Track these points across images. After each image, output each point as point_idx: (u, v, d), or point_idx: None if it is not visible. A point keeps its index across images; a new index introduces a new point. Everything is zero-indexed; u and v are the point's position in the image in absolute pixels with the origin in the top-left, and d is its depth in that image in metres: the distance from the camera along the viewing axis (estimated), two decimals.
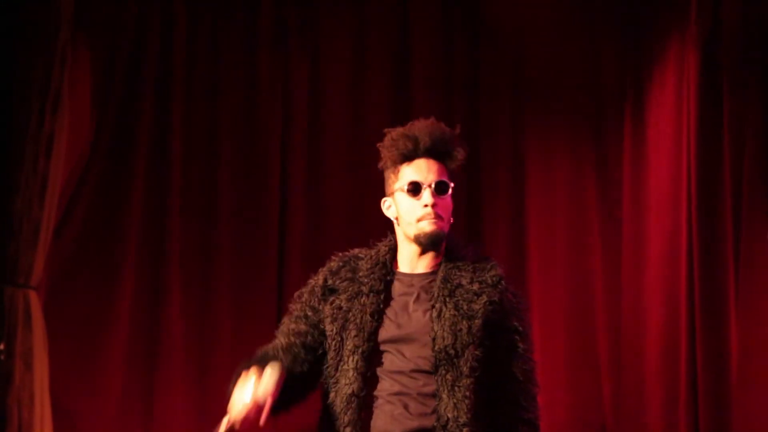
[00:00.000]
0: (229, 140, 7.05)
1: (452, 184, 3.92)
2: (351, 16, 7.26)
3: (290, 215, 7.00)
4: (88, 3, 6.71)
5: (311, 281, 4.00)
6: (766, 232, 4.03)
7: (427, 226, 3.87)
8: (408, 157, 3.92)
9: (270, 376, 3.60)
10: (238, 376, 3.68)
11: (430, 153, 3.91)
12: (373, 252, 3.97)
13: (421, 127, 3.94)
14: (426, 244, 3.90)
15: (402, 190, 3.92)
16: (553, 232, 7.20)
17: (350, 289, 3.87)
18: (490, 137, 7.24)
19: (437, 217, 3.87)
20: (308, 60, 7.19)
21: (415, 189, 3.89)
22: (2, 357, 6.33)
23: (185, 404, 6.80)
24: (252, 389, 3.60)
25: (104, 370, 6.73)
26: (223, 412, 6.73)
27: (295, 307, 4.00)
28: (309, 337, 3.91)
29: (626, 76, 7.22)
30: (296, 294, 4.04)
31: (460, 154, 3.93)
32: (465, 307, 3.78)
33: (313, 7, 7.21)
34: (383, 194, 4.05)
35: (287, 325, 3.97)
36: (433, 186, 3.88)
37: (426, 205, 3.87)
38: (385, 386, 3.77)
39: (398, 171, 3.95)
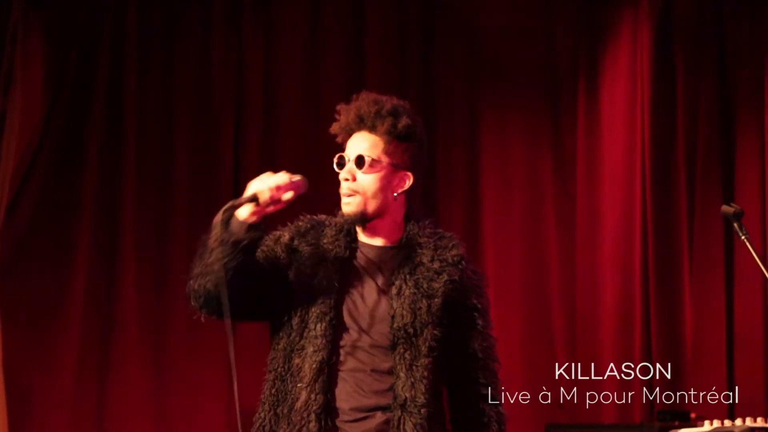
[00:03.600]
0: (183, 117, 7.01)
1: (383, 159, 3.75)
2: None
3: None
4: None
5: (276, 233, 3.81)
6: (719, 206, 4.05)
7: (344, 206, 3.79)
8: (349, 132, 3.88)
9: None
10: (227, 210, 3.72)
11: (363, 126, 3.82)
12: (337, 219, 3.91)
13: (357, 102, 3.86)
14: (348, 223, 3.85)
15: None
16: (509, 208, 7.22)
17: (315, 254, 3.81)
18: (445, 112, 7.25)
19: (351, 193, 3.78)
20: (262, 35, 7.15)
21: (339, 163, 3.79)
22: None
23: (140, 380, 6.81)
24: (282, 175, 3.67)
25: (59, 347, 6.74)
26: (179, 389, 6.79)
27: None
28: (269, 264, 3.75)
29: (580, 51, 7.24)
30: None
31: (400, 122, 3.76)
32: (425, 285, 3.74)
33: None
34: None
35: None
36: (352, 159, 3.77)
37: (345, 179, 3.79)
38: (342, 361, 3.75)
39: (345, 146, 3.90)
